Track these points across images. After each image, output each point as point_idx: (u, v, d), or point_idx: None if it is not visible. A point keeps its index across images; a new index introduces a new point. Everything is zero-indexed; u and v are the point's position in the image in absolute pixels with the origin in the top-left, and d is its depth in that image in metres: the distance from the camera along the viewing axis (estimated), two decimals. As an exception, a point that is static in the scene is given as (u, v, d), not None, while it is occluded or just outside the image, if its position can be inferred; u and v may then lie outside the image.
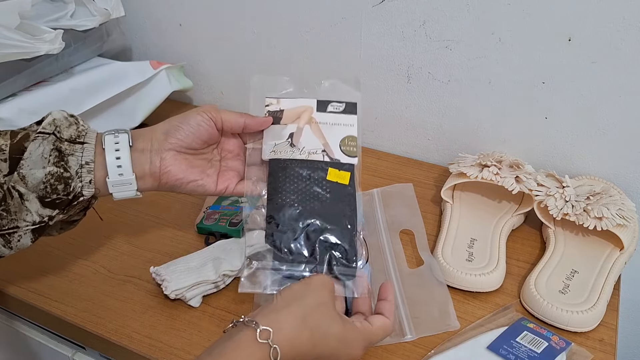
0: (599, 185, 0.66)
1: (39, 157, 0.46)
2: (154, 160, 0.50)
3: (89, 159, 0.47)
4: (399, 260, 0.60)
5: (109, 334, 0.53)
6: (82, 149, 0.47)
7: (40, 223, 0.47)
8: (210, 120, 0.51)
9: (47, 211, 0.47)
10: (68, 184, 0.46)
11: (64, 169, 0.46)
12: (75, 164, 0.47)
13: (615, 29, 0.60)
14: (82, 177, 0.47)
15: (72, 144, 0.47)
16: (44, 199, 0.46)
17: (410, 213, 0.67)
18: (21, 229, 0.47)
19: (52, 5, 0.74)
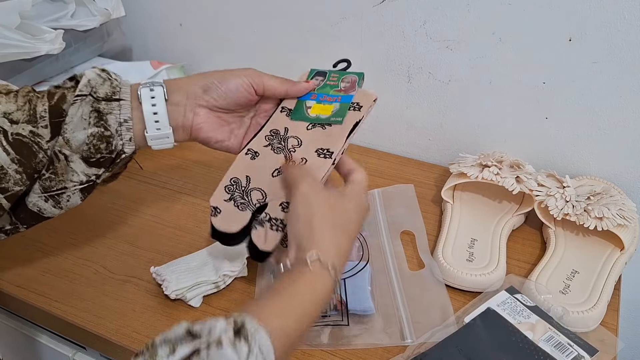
0: (599, 185, 0.66)
1: (79, 120, 0.47)
2: (187, 114, 0.51)
3: (127, 117, 0.48)
4: (400, 261, 0.60)
5: (110, 334, 0.53)
6: (119, 106, 0.48)
7: (87, 182, 0.49)
8: (250, 87, 0.52)
9: (93, 170, 0.48)
10: (110, 142, 0.48)
11: (104, 127, 0.47)
12: (114, 122, 0.48)
13: (616, 29, 0.60)
14: (122, 135, 0.48)
15: (109, 102, 0.48)
16: (89, 159, 0.48)
17: (411, 214, 0.67)
18: (69, 189, 0.48)
19: (52, 5, 0.74)
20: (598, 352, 0.49)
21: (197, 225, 0.66)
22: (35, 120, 0.46)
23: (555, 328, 0.50)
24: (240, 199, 0.49)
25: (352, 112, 0.52)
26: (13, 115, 0.46)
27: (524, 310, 0.52)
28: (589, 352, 0.48)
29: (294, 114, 0.53)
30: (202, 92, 0.51)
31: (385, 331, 0.52)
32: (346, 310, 0.53)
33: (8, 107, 0.46)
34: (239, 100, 0.52)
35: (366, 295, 0.54)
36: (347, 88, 0.51)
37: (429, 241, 0.63)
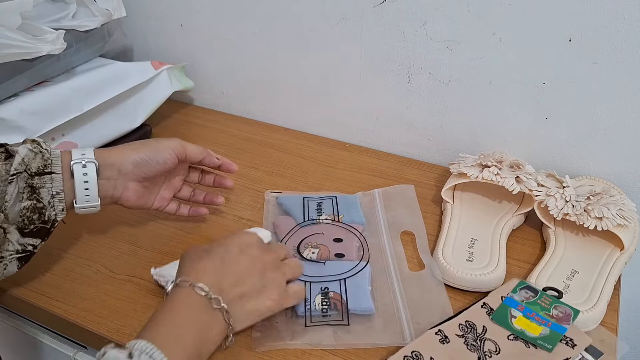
0: (599, 185, 0.66)
1: (16, 195, 0.49)
2: (117, 187, 0.56)
3: (58, 189, 0.51)
4: (400, 261, 0.60)
5: (110, 333, 0.53)
6: (50, 179, 0.51)
7: (24, 252, 0.51)
8: (175, 157, 0.58)
9: (29, 240, 0.51)
10: (42, 214, 0.50)
11: (37, 200, 0.50)
12: (46, 194, 0.50)
13: (616, 29, 0.60)
14: (55, 206, 0.51)
15: (41, 177, 0.50)
16: (23, 229, 0.50)
17: (411, 214, 0.67)
18: (5, 258, 0.50)
19: (53, 5, 0.74)
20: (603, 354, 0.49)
21: (197, 225, 0.67)
22: None
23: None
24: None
25: (564, 345, 0.49)
26: None
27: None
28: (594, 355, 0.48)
29: (496, 315, 0.52)
30: (133, 167, 0.55)
31: (385, 331, 0.52)
32: (346, 310, 0.53)
33: None
34: (166, 169, 0.58)
35: (366, 295, 0.54)
36: (560, 318, 0.50)
37: (429, 241, 0.63)
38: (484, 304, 0.53)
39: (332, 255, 0.59)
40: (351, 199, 0.69)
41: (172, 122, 0.90)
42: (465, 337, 0.50)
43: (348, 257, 0.59)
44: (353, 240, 0.61)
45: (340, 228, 0.63)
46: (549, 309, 0.51)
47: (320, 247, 0.60)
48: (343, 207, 0.67)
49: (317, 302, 0.53)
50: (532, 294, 0.53)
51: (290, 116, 0.89)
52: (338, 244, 0.61)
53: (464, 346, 0.49)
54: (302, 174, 0.77)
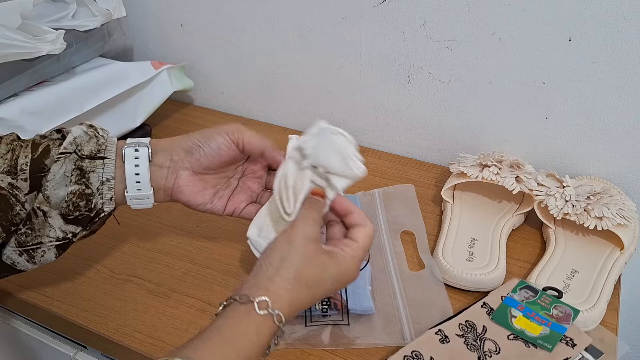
0: (599, 185, 0.66)
1: (61, 177, 0.46)
2: (169, 176, 0.50)
3: (109, 176, 0.47)
4: (400, 261, 0.60)
5: (111, 333, 0.53)
6: (102, 164, 0.47)
7: (64, 239, 0.47)
8: (231, 143, 0.50)
9: (71, 227, 0.47)
10: (90, 201, 0.47)
11: (85, 185, 0.46)
12: (96, 180, 0.47)
13: (616, 29, 0.60)
14: (103, 194, 0.47)
15: (93, 160, 0.47)
16: (67, 216, 0.46)
17: (411, 214, 0.67)
18: (45, 244, 0.47)
19: (53, 5, 0.75)
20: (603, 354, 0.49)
21: (197, 225, 0.67)
22: (15, 172, 0.45)
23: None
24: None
25: (564, 345, 0.49)
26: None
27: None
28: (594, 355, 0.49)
29: (496, 315, 0.52)
30: (185, 153, 0.50)
31: (385, 331, 0.52)
32: (346, 309, 0.53)
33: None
34: (222, 158, 0.51)
35: (366, 295, 0.54)
36: (560, 318, 0.50)
37: (429, 241, 0.63)
38: (484, 303, 0.53)
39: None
40: (351, 199, 0.69)
41: (172, 122, 0.90)
42: (465, 336, 0.50)
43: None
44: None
45: None
46: (549, 309, 0.51)
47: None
48: None
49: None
50: (532, 293, 0.53)
51: (290, 116, 0.89)
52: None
53: (464, 346, 0.49)
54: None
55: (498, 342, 0.50)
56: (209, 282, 0.59)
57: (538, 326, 0.50)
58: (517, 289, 0.54)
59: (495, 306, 0.53)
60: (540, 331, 0.50)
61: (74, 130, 0.47)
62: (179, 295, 0.57)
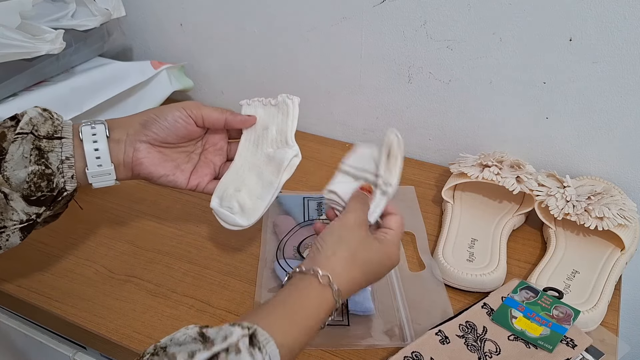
0: (600, 185, 0.66)
1: (20, 158, 0.46)
2: (127, 150, 0.51)
3: (68, 154, 0.48)
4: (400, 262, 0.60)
5: (110, 333, 0.53)
6: (60, 144, 0.48)
7: (28, 221, 0.47)
8: (189, 117, 0.52)
9: (34, 209, 0.47)
10: (51, 180, 0.47)
11: (45, 166, 0.47)
12: (55, 159, 0.47)
13: (617, 29, 0.60)
14: (64, 172, 0.48)
15: (51, 140, 0.47)
16: (29, 197, 0.47)
17: (411, 215, 0.67)
18: (8, 228, 0.47)
19: (53, 5, 0.74)
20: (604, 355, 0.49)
21: (197, 225, 0.67)
22: None
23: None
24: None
25: (564, 346, 0.49)
26: None
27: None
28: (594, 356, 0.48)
29: (497, 316, 0.51)
30: (141, 127, 0.51)
31: (385, 332, 0.52)
32: (346, 310, 0.53)
33: None
34: (178, 132, 0.52)
35: (367, 296, 0.54)
36: (561, 319, 0.50)
37: (429, 241, 0.63)
38: (484, 304, 0.53)
39: None
40: None
41: (171, 122, 0.90)
42: (466, 337, 0.50)
43: None
44: None
45: None
46: (549, 309, 0.51)
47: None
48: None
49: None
50: (533, 294, 0.53)
51: (290, 116, 0.89)
52: None
53: (464, 346, 0.49)
54: (302, 174, 0.77)
55: (498, 342, 0.49)
56: (208, 282, 0.59)
57: (538, 327, 0.50)
58: (517, 290, 0.54)
59: (495, 307, 0.53)
60: (541, 332, 0.50)
61: (28, 111, 0.48)
62: (178, 295, 0.57)
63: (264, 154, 0.54)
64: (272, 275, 0.58)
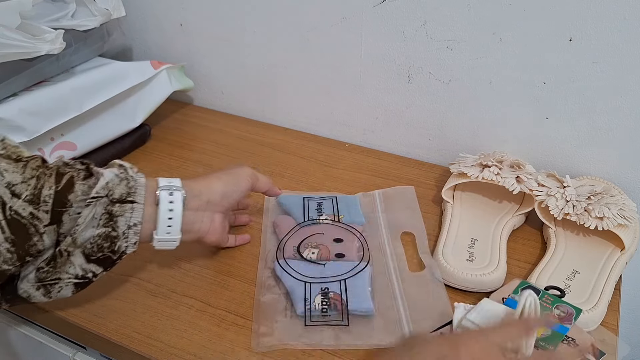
0: (600, 185, 0.66)
1: (90, 219, 0.46)
2: (205, 220, 0.53)
3: (137, 221, 0.48)
4: (400, 262, 0.60)
5: (110, 334, 0.53)
6: (131, 209, 0.47)
7: (83, 278, 0.48)
8: (250, 187, 0.57)
9: (92, 266, 0.48)
10: (114, 243, 0.47)
11: (112, 228, 0.47)
12: (123, 224, 0.47)
13: (617, 29, 0.60)
14: (129, 238, 0.48)
15: (122, 204, 0.47)
16: (90, 256, 0.47)
17: (411, 215, 0.67)
18: (63, 280, 0.47)
19: (53, 5, 0.74)
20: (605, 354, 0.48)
21: (197, 225, 0.67)
22: (38, 202, 0.44)
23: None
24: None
25: (565, 345, 0.48)
26: (16, 188, 0.44)
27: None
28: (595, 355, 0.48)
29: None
30: (221, 198, 0.53)
31: (385, 332, 0.52)
32: (346, 310, 0.53)
33: (14, 178, 0.44)
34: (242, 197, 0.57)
35: (366, 296, 0.54)
36: (562, 318, 0.49)
37: (429, 241, 0.63)
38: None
39: (332, 256, 0.59)
40: (351, 199, 0.69)
41: (171, 122, 0.90)
42: None
43: (348, 257, 0.59)
44: (353, 241, 0.61)
45: (340, 228, 0.63)
46: (550, 309, 0.51)
47: (320, 248, 0.60)
48: (343, 207, 0.67)
49: (317, 302, 0.53)
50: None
51: (290, 116, 0.89)
52: (338, 244, 0.60)
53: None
54: (302, 174, 0.77)
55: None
56: (208, 282, 0.59)
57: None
58: (518, 290, 0.54)
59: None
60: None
61: (106, 174, 0.47)
62: (178, 295, 0.57)
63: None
64: (272, 275, 0.58)
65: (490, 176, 0.63)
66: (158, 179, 0.50)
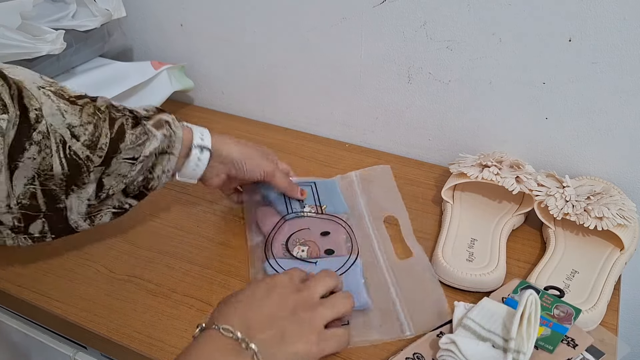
0: (599, 185, 0.66)
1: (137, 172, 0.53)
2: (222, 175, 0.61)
3: (171, 167, 0.56)
4: (387, 250, 0.60)
5: (110, 333, 0.53)
6: (168, 159, 0.55)
7: (120, 208, 0.55)
8: (262, 178, 0.61)
9: (129, 199, 0.56)
10: (149, 182, 0.55)
11: (149, 172, 0.55)
12: (159, 170, 0.55)
13: (616, 29, 0.60)
14: (161, 180, 0.56)
15: (162, 155, 0.55)
16: (129, 193, 0.55)
17: (391, 197, 0.68)
18: (103, 210, 0.54)
19: (53, 5, 0.75)
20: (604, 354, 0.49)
21: (197, 225, 0.67)
22: (95, 147, 0.50)
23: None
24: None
25: (565, 346, 0.48)
26: (75, 130, 0.49)
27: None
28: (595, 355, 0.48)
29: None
30: (232, 164, 0.59)
31: (384, 326, 0.52)
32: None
33: (72, 120, 0.49)
34: (250, 180, 0.62)
35: (362, 291, 0.54)
36: (562, 318, 0.49)
37: (429, 241, 0.63)
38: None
39: (322, 252, 0.59)
40: (330, 184, 0.68)
41: (172, 122, 0.90)
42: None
43: (338, 252, 0.59)
44: (340, 233, 0.61)
45: (325, 220, 0.63)
46: (550, 309, 0.51)
47: (309, 244, 0.60)
48: (324, 195, 0.66)
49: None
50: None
51: (290, 116, 0.89)
52: (326, 238, 0.60)
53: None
54: (302, 174, 0.77)
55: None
56: (208, 282, 0.59)
57: (539, 327, 0.50)
58: (518, 290, 0.54)
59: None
60: (542, 332, 0.50)
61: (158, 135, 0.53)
62: (178, 295, 0.57)
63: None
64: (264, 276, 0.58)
65: (489, 176, 0.63)
66: (193, 131, 0.57)
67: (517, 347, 0.44)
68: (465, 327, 0.47)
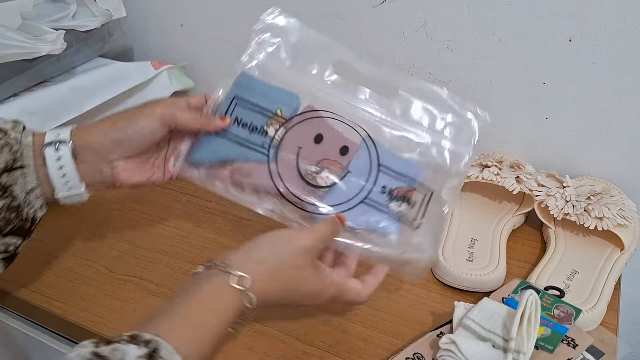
0: (599, 185, 0.66)
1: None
2: (104, 170, 0.48)
3: (33, 185, 0.46)
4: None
5: (110, 333, 0.53)
6: (22, 174, 0.45)
7: (6, 252, 0.46)
8: (163, 127, 0.49)
9: (10, 239, 0.46)
10: (19, 212, 0.45)
11: (11, 198, 0.45)
12: (20, 191, 0.45)
13: (616, 29, 0.60)
14: (32, 203, 0.46)
15: (11, 172, 0.44)
16: (2, 230, 0.45)
17: None
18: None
19: (53, 5, 0.75)
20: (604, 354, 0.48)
21: (197, 225, 0.67)
22: None
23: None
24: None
25: (565, 346, 0.48)
26: None
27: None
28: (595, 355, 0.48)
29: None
30: (113, 144, 0.47)
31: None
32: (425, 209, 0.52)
33: None
34: (154, 140, 0.49)
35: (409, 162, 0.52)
36: (562, 318, 0.49)
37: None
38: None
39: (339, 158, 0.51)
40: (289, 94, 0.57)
41: (172, 122, 0.90)
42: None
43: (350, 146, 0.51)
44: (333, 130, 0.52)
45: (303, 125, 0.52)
46: (550, 309, 0.51)
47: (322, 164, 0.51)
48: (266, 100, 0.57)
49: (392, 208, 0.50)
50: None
51: (290, 116, 0.89)
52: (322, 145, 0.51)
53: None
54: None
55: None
56: (208, 282, 0.59)
57: (540, 327, 0.50)
58: (518, 290, 0.54)
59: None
60: (542, 332, 0.50)
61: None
62: (178, 295, 0.57)
63: None
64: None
65: (490, 176, 0.63)
66: (47, 132, 0.47)
67: (517, 347, 0.44)
68: (465, 327, 0.47)
